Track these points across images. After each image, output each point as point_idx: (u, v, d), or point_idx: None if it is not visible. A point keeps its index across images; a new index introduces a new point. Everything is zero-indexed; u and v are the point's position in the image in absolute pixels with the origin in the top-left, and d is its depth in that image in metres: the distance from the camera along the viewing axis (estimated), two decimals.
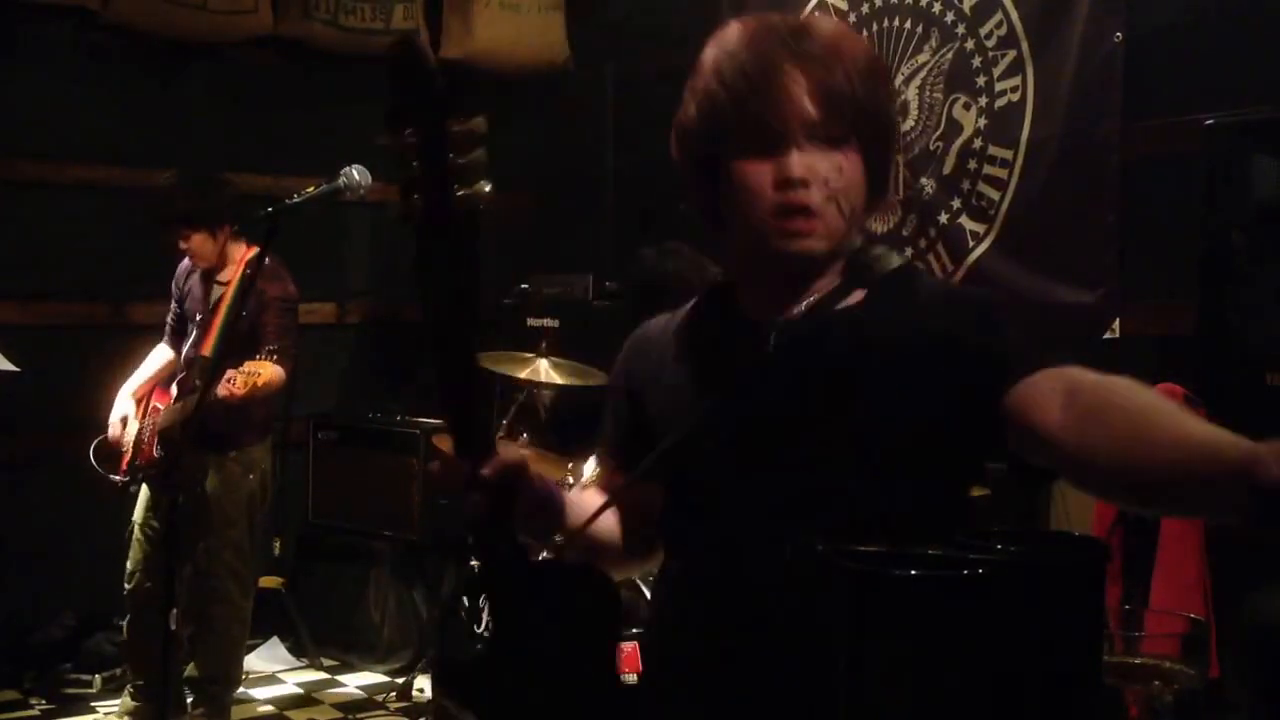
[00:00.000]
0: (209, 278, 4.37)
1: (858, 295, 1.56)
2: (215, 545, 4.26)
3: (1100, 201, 4.01)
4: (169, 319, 4.52)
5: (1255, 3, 3.70)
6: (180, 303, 4.47)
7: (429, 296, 1.39)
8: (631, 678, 3.57)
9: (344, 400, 5.84)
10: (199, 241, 4.24)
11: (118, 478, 4.31)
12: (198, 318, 4.35)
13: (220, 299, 4.29)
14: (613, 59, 5.95)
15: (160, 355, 4.49)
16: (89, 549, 4.62)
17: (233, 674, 4.40)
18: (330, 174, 3.10)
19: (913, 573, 1.28)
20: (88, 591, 4.85)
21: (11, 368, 4.26)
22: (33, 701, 4.65)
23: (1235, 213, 3.30)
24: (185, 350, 4.35)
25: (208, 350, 4.24)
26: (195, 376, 4.24)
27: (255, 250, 4.26)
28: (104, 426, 4.34)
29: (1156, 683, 1.34)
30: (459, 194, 1.34)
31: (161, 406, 4.32)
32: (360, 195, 3.15)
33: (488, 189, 1.35)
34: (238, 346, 4.01)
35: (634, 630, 3.68)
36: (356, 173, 3.09)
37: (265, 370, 3.94)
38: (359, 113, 5.72)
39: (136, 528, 4.31)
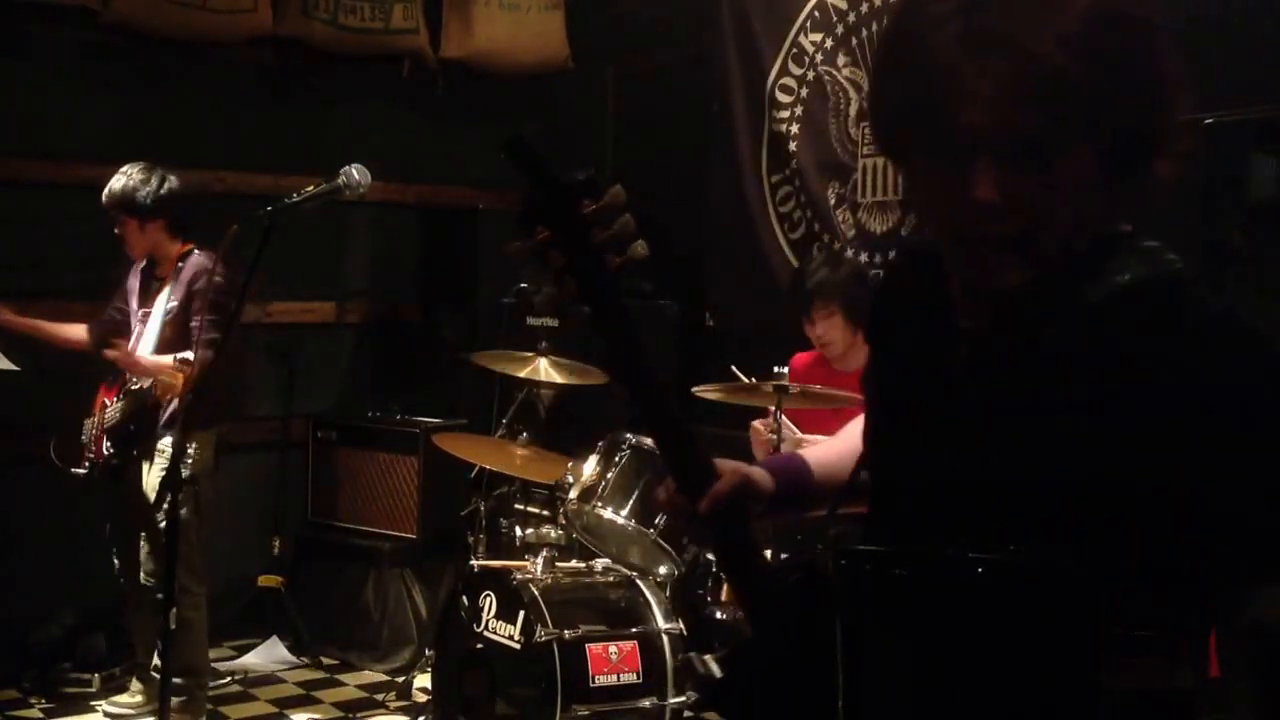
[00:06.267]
0: (149, 274, 4.41)
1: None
2: (160, 535, 4.18)
3: None
4: (111, 308, 4.55)
5: (1255, 3, 3.70)
6: (124, 301, 4.51)
7: (617, 365, 1.49)
8: (631, 677, 3.59)
9: (344, 400, 5.84)
10: (130, 230, 4.30)
11: (80, 470, 4.37)
12: (140, 314, 4.39)
13: (153, 297, 4.34)
14: (613, 59, 5.95)
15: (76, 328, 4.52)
16: (88, 548, 4.62)
17: (198, 664, 4.36)
18: (330, 173, 3.09)
19: (913, 573, 1.28)
20: (86, 590, 4.84)
21: (11, 366, 4.27)
22: (32, 700, 4.65)
23: (1235, 213, 3.30)
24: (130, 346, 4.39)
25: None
26: (131, 376, 4.31)
27: (189, 248, 4.30)
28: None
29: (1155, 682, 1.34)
30: (617, 262, 1.41)
31: (109, 403, 4.36)
32: (360, 195, 3.14)
33: (643, 250, 1.40)
34: (178, 345, 4.15)
35: (633, 630, 3.69)
36: (356, 172, 3.08)
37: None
38: (359, 112, 5.79)
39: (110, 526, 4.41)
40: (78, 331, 4.51)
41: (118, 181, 4.28)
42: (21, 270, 4.88)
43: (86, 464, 4.37)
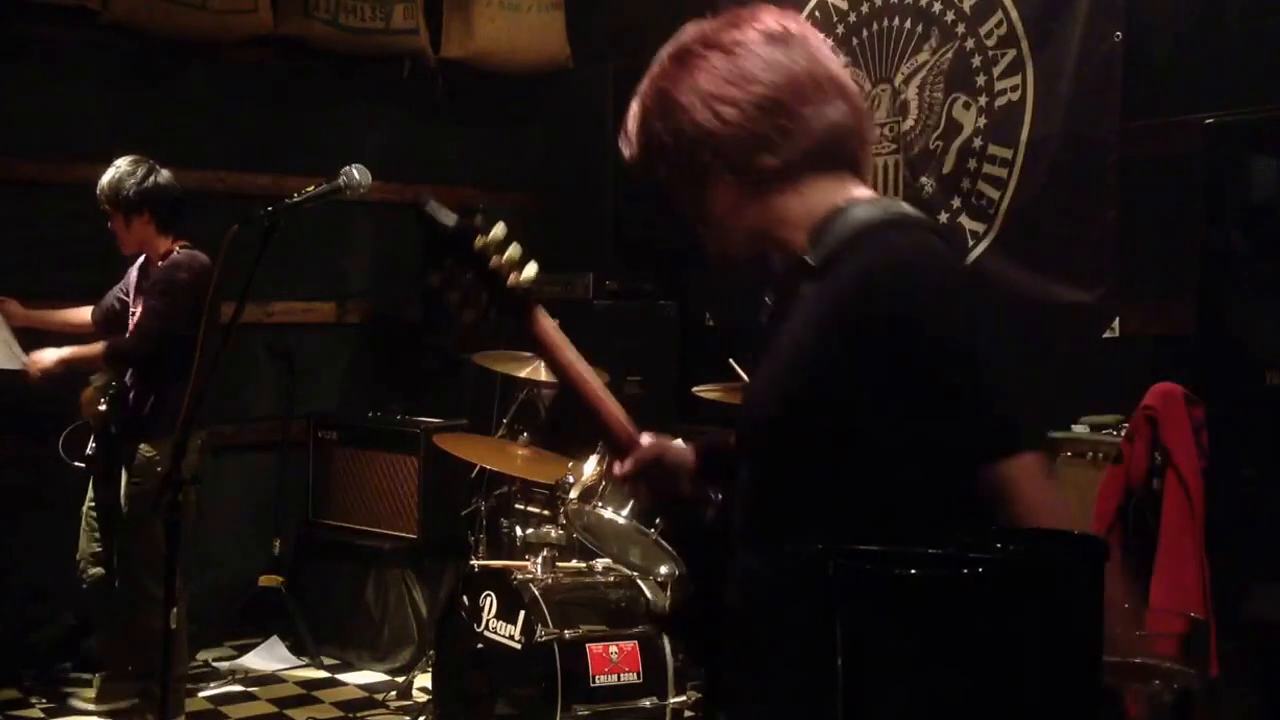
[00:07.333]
0: (144, 272, 4.40)
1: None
2: (129, 541, 4.18)
3: (1099, 201, 4.01)
4: (113, 293, 4.55)
5: (1254, 3, 3.70)
6: (125, 292, 4.50)
7: (536, 353, 1.87)
8: (631, 677, 3.59)
9: (344, 400, 5.84)
10: (118, 224, 4.30)
11: (83, 465, 4.38)
12: (134, 312, 4.37)
13: (139, 294, 4.34)
14: (613, 59, 5.95)
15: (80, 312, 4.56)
16: None
17: (157, 668, 4.31)
18: (330, 173, 3.09)
19: (913, 572, 1.28)
20: (86, 590, 4.83)
21: (23, 362, 4.27)
22: (33, 700, 4.66)
23: (1234, 212, 3.30)
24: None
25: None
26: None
27: (178, 245, 4.30)
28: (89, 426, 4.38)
29: (1156, 682, 1.34)
30: (511, 282, 1.79)
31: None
32: (360, 195, 3.13)
33: (533, 272, 1.80)
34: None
35: (633, 630, 3.69)
36: (356, 172, 3.08)
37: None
38: (359, 112, 5.79)
39: (84, 517, 4.38)
40: (81, 315, 4.53)
41: (106, 175, 4.29)
42: (21, 270, 4.88)
43: (86, 457, 4.37)
